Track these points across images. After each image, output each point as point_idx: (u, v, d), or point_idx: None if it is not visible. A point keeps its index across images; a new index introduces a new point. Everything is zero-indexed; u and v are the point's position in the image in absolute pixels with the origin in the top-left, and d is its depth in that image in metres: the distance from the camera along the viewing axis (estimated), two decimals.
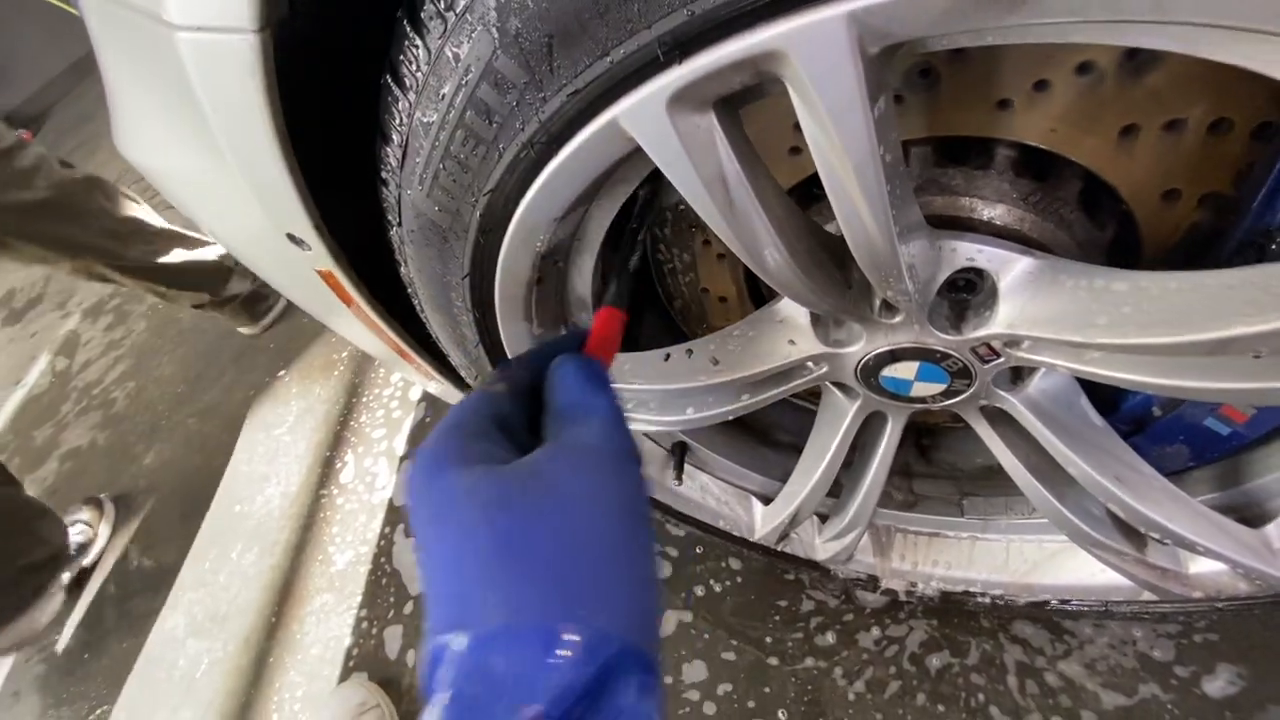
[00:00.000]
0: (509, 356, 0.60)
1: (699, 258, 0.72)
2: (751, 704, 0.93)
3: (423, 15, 0.35)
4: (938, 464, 0.89)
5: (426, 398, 1.57)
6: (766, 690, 0.94)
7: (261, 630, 1.34)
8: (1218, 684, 0.77)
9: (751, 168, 0.37)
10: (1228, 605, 0.65)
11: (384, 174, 0.46)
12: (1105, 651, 0.84)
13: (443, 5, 0.33)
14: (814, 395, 0.93)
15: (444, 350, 0.69)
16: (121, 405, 2.08)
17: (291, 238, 0.58)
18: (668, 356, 0.63)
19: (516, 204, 0.41)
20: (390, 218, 0.50)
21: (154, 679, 1.38)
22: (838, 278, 0.49)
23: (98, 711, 1.39)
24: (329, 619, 1.30)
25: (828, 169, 0.34)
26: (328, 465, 1.56)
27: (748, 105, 0.36)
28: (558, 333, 0.63)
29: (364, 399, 1.65)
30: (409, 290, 0.60)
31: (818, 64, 0.28)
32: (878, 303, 0.52)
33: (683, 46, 0.29)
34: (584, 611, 0.26)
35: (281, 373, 1.85)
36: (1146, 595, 0.69)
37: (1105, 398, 0.61)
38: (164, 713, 1.32)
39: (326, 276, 0.64)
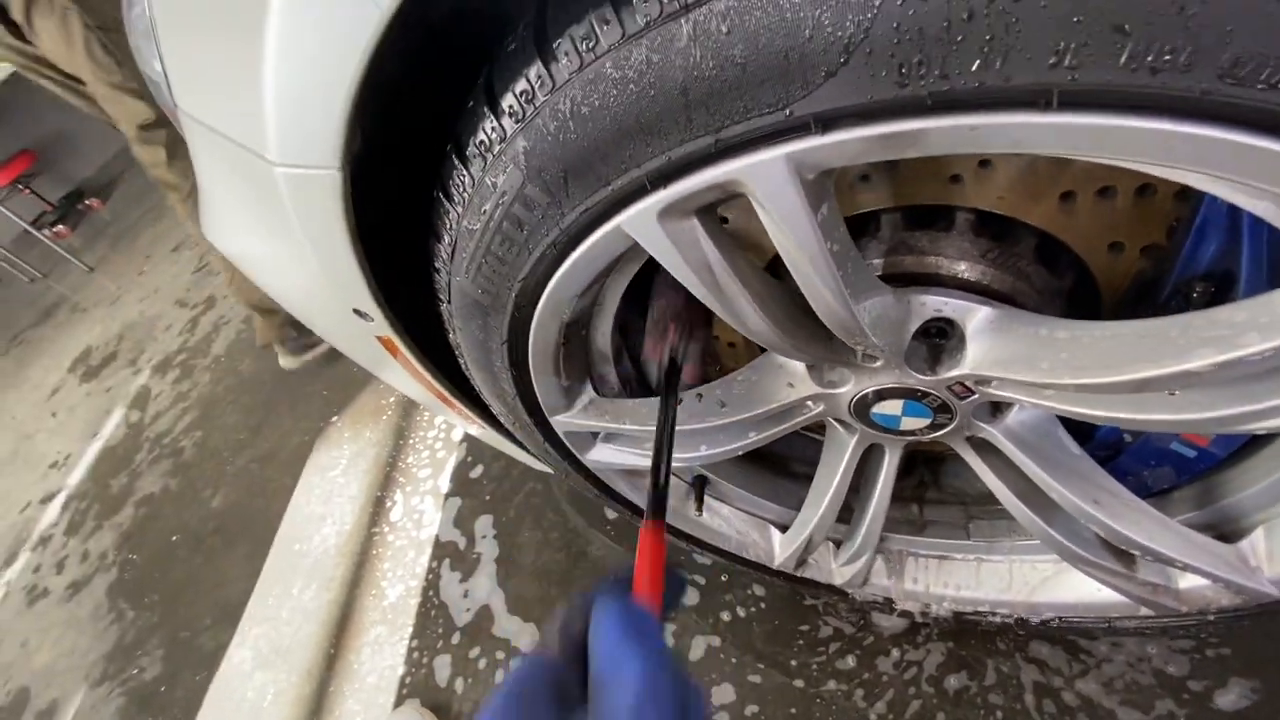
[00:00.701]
0: (540, 403, 0.69)
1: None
2: None
3: (468, 153, 0.45)
4: (946, 489, 0.94)
5: (468, 439, 1.67)
6: (792, 711, 0.99)
7: (321, 661, 1.44)
8: (1230, 698, 0.80)
9: (730, 256, 0.46)
10: (1218, 618, 0.68)
11: (436, 265, 0.56)
12: (1122, 669, 0.87)
13: (483, 147, 0.43)
14: (823, 427, 1.00)
15: (485, 401, 0.78)
16: (190, 453, 2.25)
17: (358, 312, 0.69)
18: (680, 400, 0.71)
19: (544, 287, 0.51)
20: (441, 297, 0.60)
21: (224, 709, 1.48)
22: (819, 333, 0.57)
23: None
24: (383, 650, 1.39)
25: (790, 260, 0.42)
26: (378, 504, 1.67)
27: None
28: (583, 384, 0.72)
29: (411, 441, 1.77)
30: (456, 352, 0.70)
31: (767, 189, 0.37)
32: (859, 352, 0.60)
33: (665, 178, 0.38)
34: None
35: (335, 418, 1.98)
36: (1145, 611, 0.73)
37: (1082, 426, 0.67)
38: None
39: (385, 342, 0.75)
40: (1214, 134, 0.28)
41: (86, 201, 5.20)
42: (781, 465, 1.01)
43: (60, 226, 5.00)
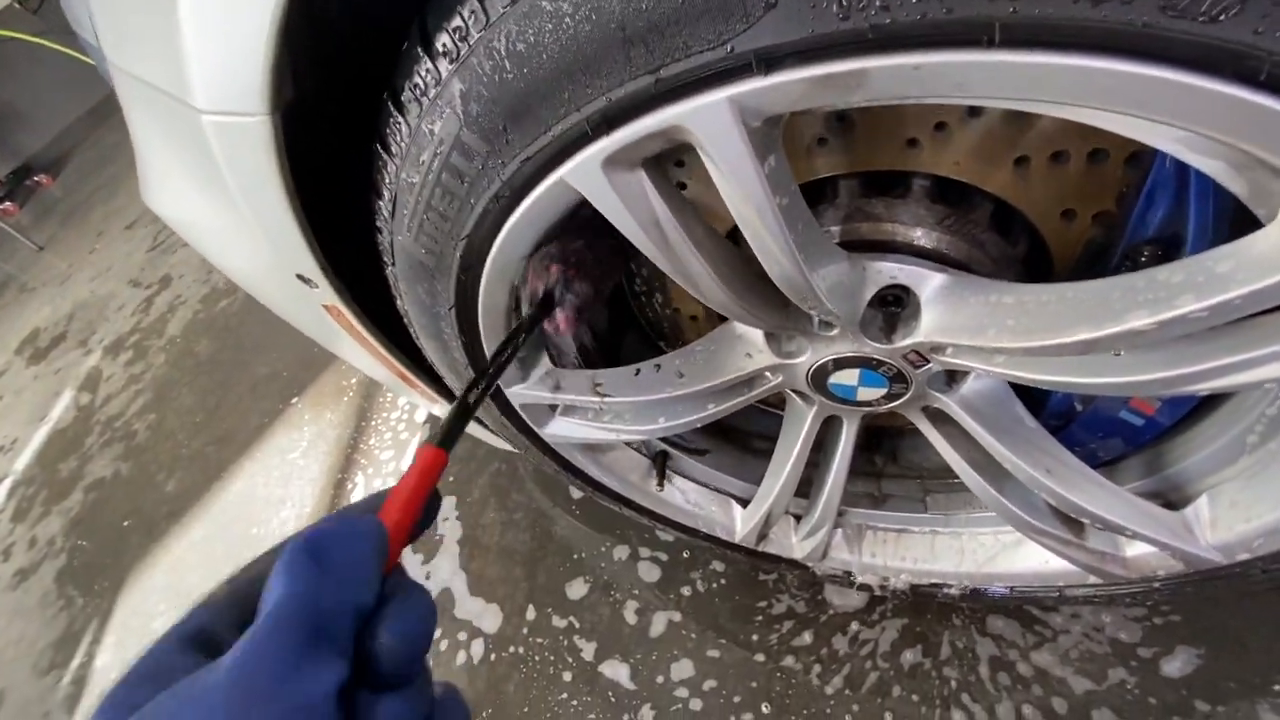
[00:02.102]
0: None
1: (668, 281, 0.79)
2: (737, 699, 0.99)
3: (403, 99, 0.43)
4: (904, 464, 0.95)
5: (431, 420, 1.64)
6: (753, 685, 0.99)
7: None
8: (1176, 664, 0.82)
9: (681, 212, 0.44)
10: (1164, 584, 0.70)
11: (378, 223, 0.54)
12: (1077, 640, 0.88)
13: (419, 92, 0.41)
14: (783, 402, 1.00)
15: (440, 373, 0.76)
16: (143, 437, 2.17)
17: (301, 277, 0.66)
18: (638, 371, 0.70)
19: (490, 246, 0.49)
20: (385, 259, 0.58)
21: None
22: (775, 299, 0.56)
23: None
24: None
25: (738, 214, 0.41)
26: (339, 487, 1.63)
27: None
28: (539, 355, 0.71)
29: (373, 423, 1.73)
30: (405, 321, 0.68)
31: (711, 135, 0.35)
32: (815, 320, 0.59)
33: (607, 123, 0.37)
34: None
35: (295, 400, 1.93)
36: (1094, 579, 0.75)
37: (1035, 395, 0.67)
38: None
39: (331, 310, 0.72)
40: (1155, 73, 0.27)
41: (35, 178, 4.96)
42: (742, 440, 1.01)
43: (7, 204, 4.77)
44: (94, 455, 2.22)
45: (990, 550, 0.84)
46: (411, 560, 1.41)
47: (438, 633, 1.27)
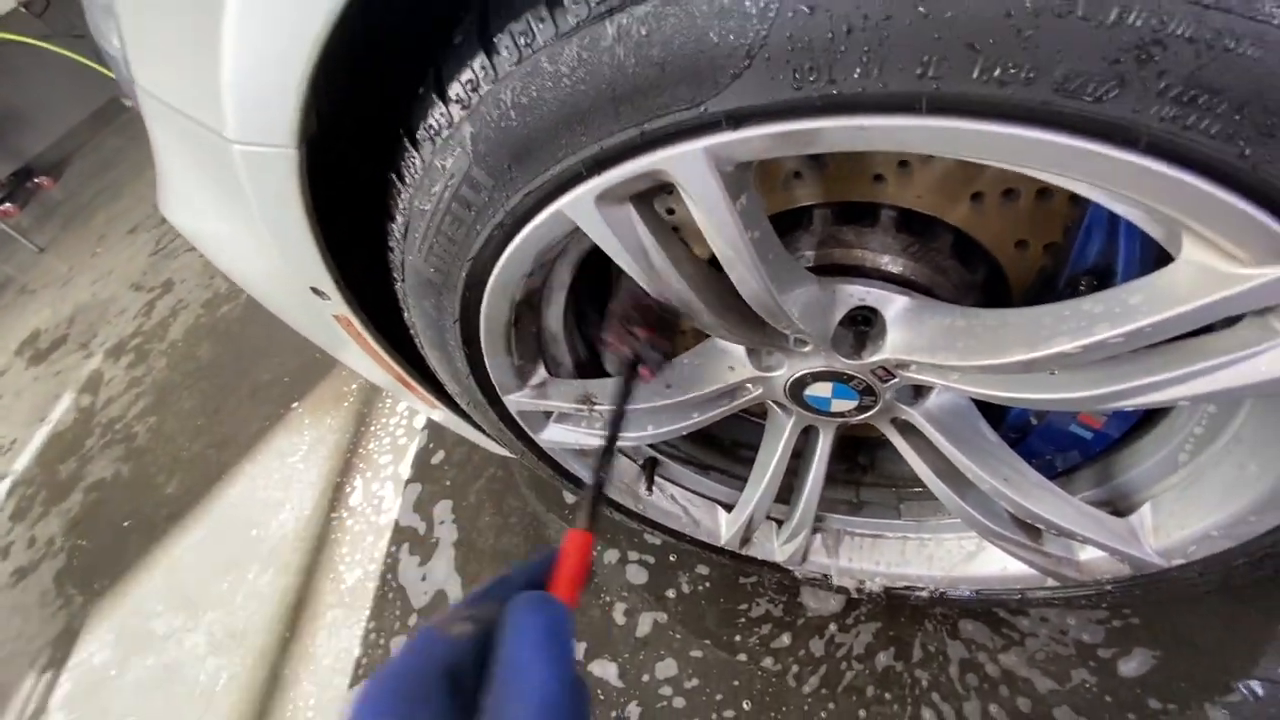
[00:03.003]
0: (492, 378, 0.72)
1: None
2: (719, 697, 1.03)
3: (418, 136, 0.48)
4: (881, 473, 1.00)
5: (430, 425, 1.69)
6: (735, 684, 1.04)
7: (276, 646, 1.44)
8: (1133, 664, 0.87)
9: (665, 241, 0.49)
10: (1115, 587, 0.75)
11: (390, 244, 0.59)
12: (1044, 642, 0.93)
13: (433, 132, 0.46)
14: (765, 412, 1.04)
15: (442, 380, 0.81)
16: (144, 439, 2.20)
17: (315, 290, 0.71)
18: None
19: (493, 266, 0.54)
20: (396, 275, 0.63)
21: (175, 694, 1.47)
22: (752, 318, 0.61)
23: None
24: (339, 633, 1.40)
25: (715, 246, 0.46)
26: (338, 490, 1.67)
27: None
28: (536, 364, 0.76)
29: (372, 428, 1.77)
30: (411, 331, 0.73)
31: (689, 178, 0.40)
32: (791, 337, 0.64)
33: (599, 165, 0.42)
34: None
35: (295, 405, 1.97)
36: (1051, 582, 0.80)
37: (995, 410, 0.72)
38: None
39: (341, 320, 0.77)
40: (1056, 139, 0.33)
41: (36, 179, 5.00)
42: (727, 448, 1.06)
43: (7, 205, 4.80)
44: (94, 457, 2.25)
45: (957, 555, 0.89)
46: (408, 563, 1.45)
47: None
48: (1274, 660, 0.81)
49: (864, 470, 1.02)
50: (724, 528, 0.98)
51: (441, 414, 1.04)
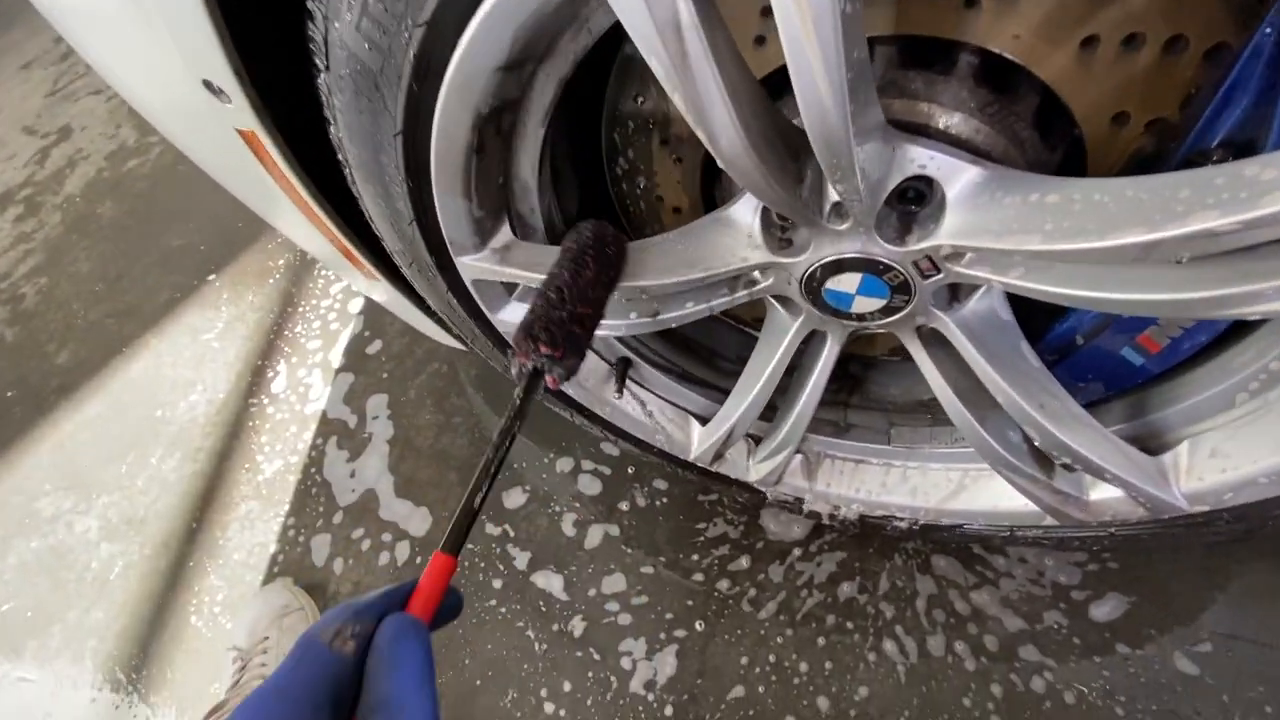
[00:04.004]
0: (445, 236, 0.57)
1: (655, 161, 0.69)
2: (670, 616, 0.97)
3: None
4: (871, 397, 0.91)
5: (366, 312, 1.51)
6: (689, 604, 0.97)
7: (181, 535, 1.30)
8: (1105, 609, 0.84)
9: (708, 19, 0.35)
10: (1120, 531, 0.69)
11: (309, 4, 0.42)
12: (1018, 582, 0.89)
13: None
14: (757, 321, 0.93)
15: (379, 234, 0.65)
16: (32, 301, 1.93)
17: (209, 86, 0.53)
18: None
19: (454, 43, 0.38)
20: (318, 61, 0.46)
21: (63, 580, 1.32)
22: (790, 170, 0.48)
23: (3, 608, 1.33)
24: (254, 526, 1.27)
25: (799, 58, 0.32)
26: (258, 374, 1.49)
27: None
28: (499, 221, 0.61)
29: (300, 309, 1.58)
30: (339, 157, 0.56)
31: None
32: (828, 206, 0.52)
33: None
34: None
35: (211, 277, 1.74)
36: (1048, 521, 0.74)
37: (1032, 327, 0.63)
38: (75, 613, 1.27)
39: (249, 138, 0.59)
40: None
41: None
42: (705, 358, 0.95)
43: None
44: None
45: (945, 487, 0.82)
46: (335, 457, 1.31)
47: (359, 531, 1.20)
48: (1247, 616, 0.79)
49: (851, 392, 0.93)
50: (696, 441, 0.88)
51: (383, 290, 0.88)
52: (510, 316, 0.71)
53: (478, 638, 1.01)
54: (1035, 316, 0.65)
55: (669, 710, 0.91)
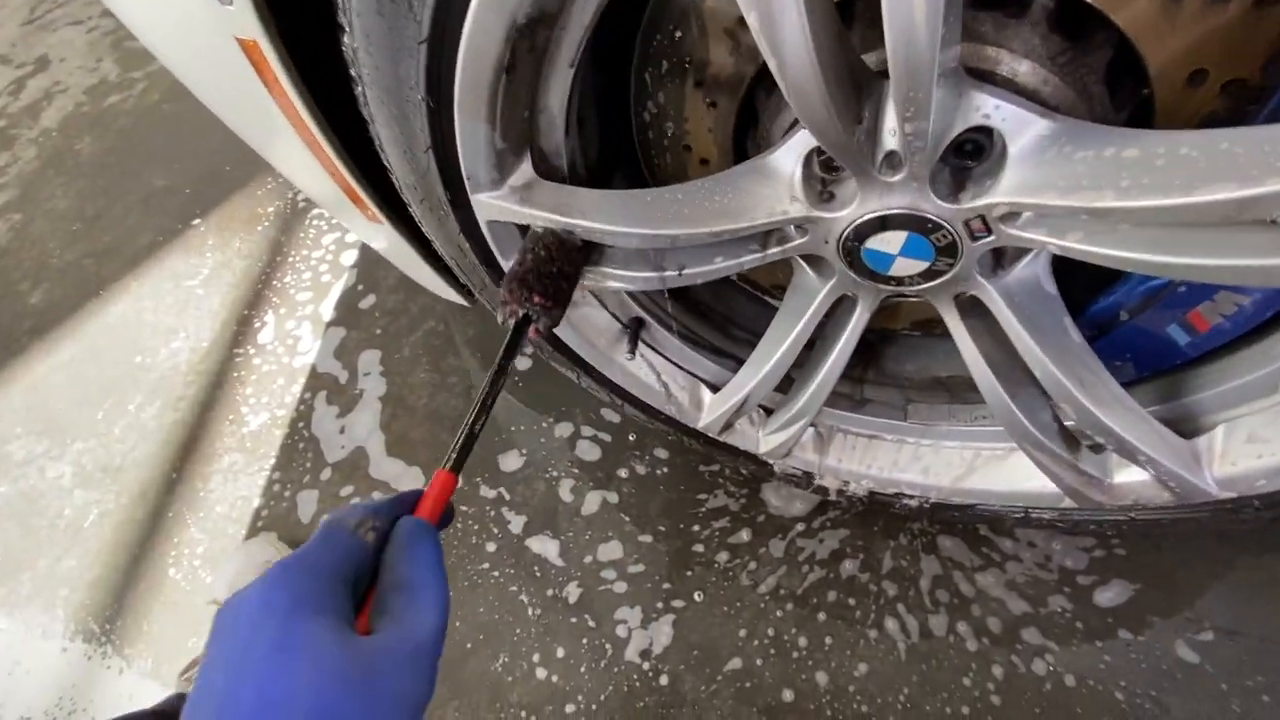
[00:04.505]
0: (463, 168, 0.52)
1: (687, 106, 0.65)
2: (667, 586, 0.95)
3: None
4: (889, 373, 0.89)
5: (360, 264, 1.45)
6: (688, 574, 0.95)
7: (160, 485, 1.25)
8: (1110, 594, 0.83)
9: None
10: (1140, 516, 0.68)
11: None
12: (1025, 565, 0.88)
13: None
14: (776, 289, 0.90)
15: (389, 164, 0.60)
16: (4, 238, 1.84)
17: None
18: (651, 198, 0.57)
19: None
20: None
21: (34, 526, 1.28)
22: (853, 108, 0.44)
23: None
24: (237, 479, 1.22)
25: None
26: (244, 324, 1.44)
27: None
28: (521, 155, 0.56)
29: (290, 259, 1.52)
30: (352, 73, 0.51)
31: None
32: (880, 155, 0.48)
33: None
34: None
35: (196, 221, 1.67)
36: (1066, 503, 0.72)
37: (1072, 301, 0.60)
38: (46, 561, 1.23)
39: (250, 49, 0.54)
40: None
41: None
42: (719, 324, 0.91)
43: None
44: None
45: (960, 466, 0.80)
46: (324, 413, 1.27)
47: (348, 489, 1.16)
48: (1252, 608, 0.79)
49: (866, 366, 0.91)
50: (707, 409, 0.86)
51: (384, 236, 0.83)
52: None
53: (470, 601, 0.99)
54: (1075, 291, 0.63)
55: (664, 680, 0.89)
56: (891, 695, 0.83)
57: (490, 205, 0.58)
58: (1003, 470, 0.77)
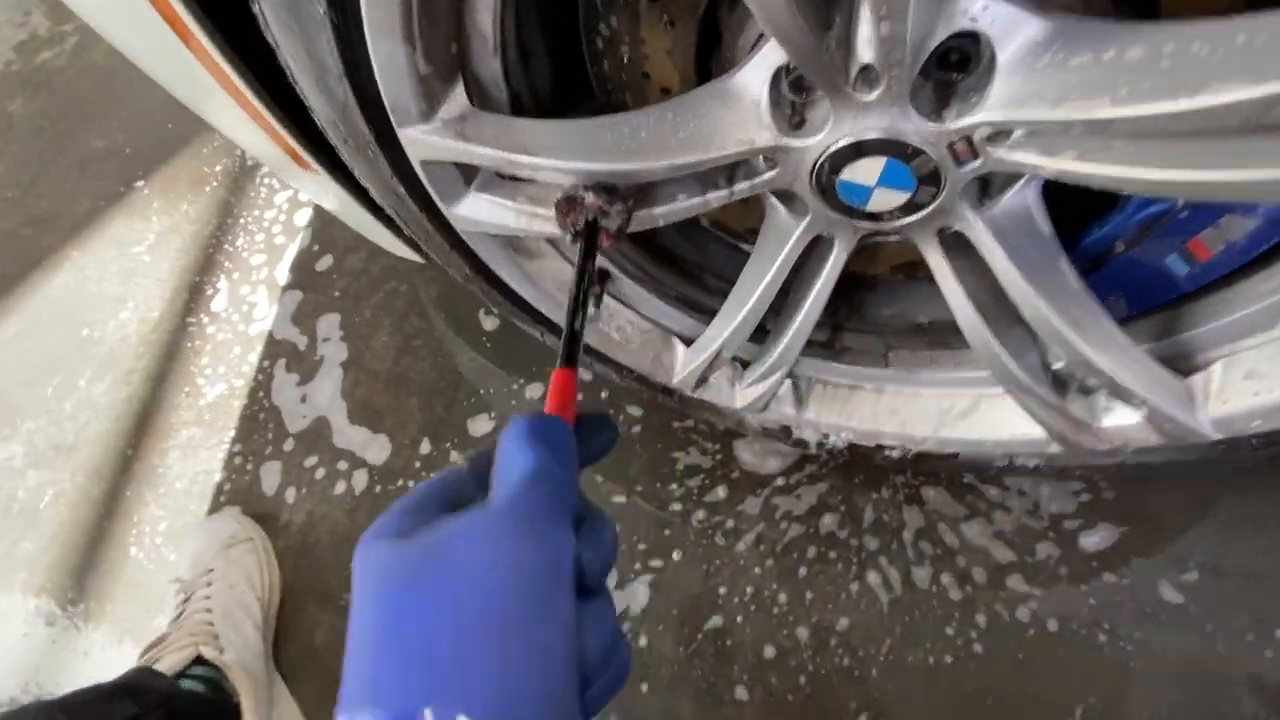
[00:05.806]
0: (381, 92, 0.46)
1: (643, 25, 0.59)
2: (643, 546, 0.92)
3: None
4: (868, 319, 0.85)
5: (316, 225, 1.37)
6: (666, 533, 0.93)
7: (116, 463, 1.20)
8: (1095, 538, 0.81)
9: None
10: (1129, 460, 0.65)
11: None
12: (1013, 514, 0.85)
13: None
14: (750, 233, 0.85)
15: (306, 100, 0.53)
16: None
17: None
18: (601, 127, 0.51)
19: None
20: None
21: None
22: (821, 13, 0.38)
23: None
24: (196, 453, 1.17)
25: None
26: (196, 291, 1.36)
27: None
28: (452, 82, 0.50)
29: (241, 221, 1.43)
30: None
31: None
32: (855, 69, 0.42)
33: None
34: (447, 697, 0.24)
35: (139, 184, 1.57)
36: (1052, 449, 0.69)
37: (1066, 235, 0.56)
38: (2, 544, 1.18)
39: None
40: None
41: None
42: (691, 273, 0.86)
43: None
44: None
45: (943, 414, 0.77)
46: (284, 380, 1.21)
47: (312, 459, 1.12)
48: (1237, 545, 0.77)
49: (846, 316, 0.86)
50: (680, 363, 0.81)
51: (331, 193, 0.76)
52: (469, 212, 0.61)
53: None
54: (1065, 224, 0.58)
55: (643, 640, 0.88)
56: (874, 647, 0.82)
57: (421, 142, 0.51)
58: (987, 417, 0.74)
